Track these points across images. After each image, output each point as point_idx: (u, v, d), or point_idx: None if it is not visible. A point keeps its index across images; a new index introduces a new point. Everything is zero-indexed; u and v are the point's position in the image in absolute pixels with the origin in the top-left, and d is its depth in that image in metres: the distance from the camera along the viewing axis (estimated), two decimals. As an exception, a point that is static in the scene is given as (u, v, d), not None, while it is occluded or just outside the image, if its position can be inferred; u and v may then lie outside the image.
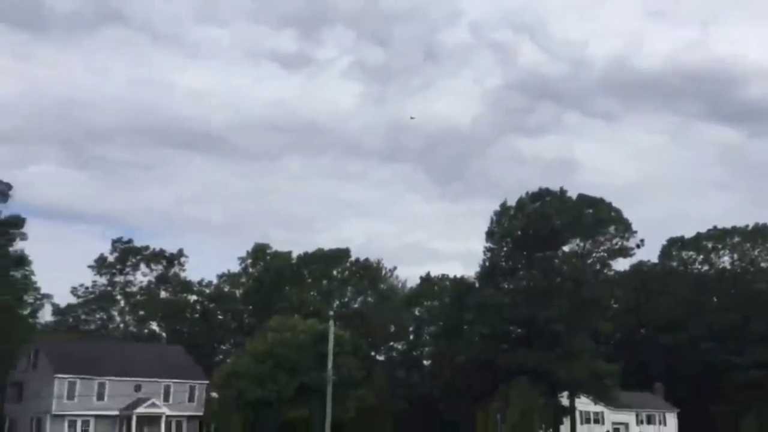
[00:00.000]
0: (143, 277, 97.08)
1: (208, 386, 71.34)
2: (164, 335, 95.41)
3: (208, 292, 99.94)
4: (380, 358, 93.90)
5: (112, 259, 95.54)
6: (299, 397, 65.46)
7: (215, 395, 71.45)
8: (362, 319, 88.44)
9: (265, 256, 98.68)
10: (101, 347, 71.86)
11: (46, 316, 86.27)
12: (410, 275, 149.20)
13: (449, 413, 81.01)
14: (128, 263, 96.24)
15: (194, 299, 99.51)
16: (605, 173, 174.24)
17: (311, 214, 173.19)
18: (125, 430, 65.05)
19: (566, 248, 76.88)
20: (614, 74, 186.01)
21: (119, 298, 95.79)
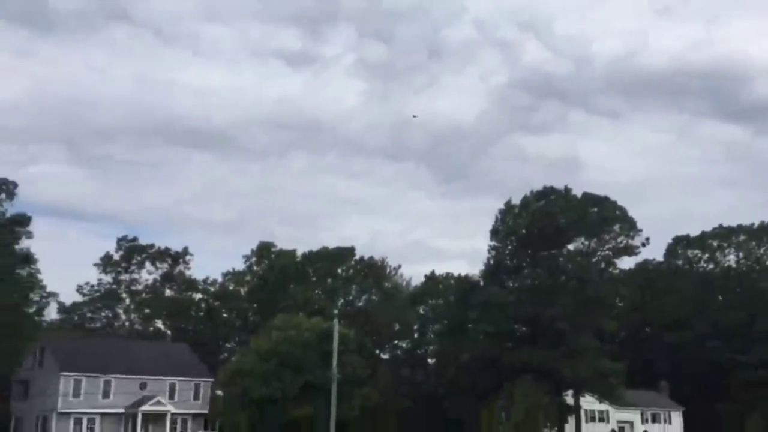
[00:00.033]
0: (148, 275, 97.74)
1: (213, 384, 71.50)
2: (169, 333, 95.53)
3: (213, 290, 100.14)
4: (385, 356, 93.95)
5: (117, 257, 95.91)
6: (304, 395, 65.41)
7: (220, 393, 71.67)
8: (367, 317, 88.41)
9: (269, 254, 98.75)
10: (107, 345, 72.03)
11: (51, 314, 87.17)
12: (415, 273, 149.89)
13: (454, 411, 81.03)
14: (133, 261, 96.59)
15: (199, 297, 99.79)
16: (610, 171, 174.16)
17: (315, 211, 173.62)
18: (131, 427, 65.18)
19: (571, 247, 76.82)
20: (619, 72, 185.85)
21: (124, 296, 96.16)
